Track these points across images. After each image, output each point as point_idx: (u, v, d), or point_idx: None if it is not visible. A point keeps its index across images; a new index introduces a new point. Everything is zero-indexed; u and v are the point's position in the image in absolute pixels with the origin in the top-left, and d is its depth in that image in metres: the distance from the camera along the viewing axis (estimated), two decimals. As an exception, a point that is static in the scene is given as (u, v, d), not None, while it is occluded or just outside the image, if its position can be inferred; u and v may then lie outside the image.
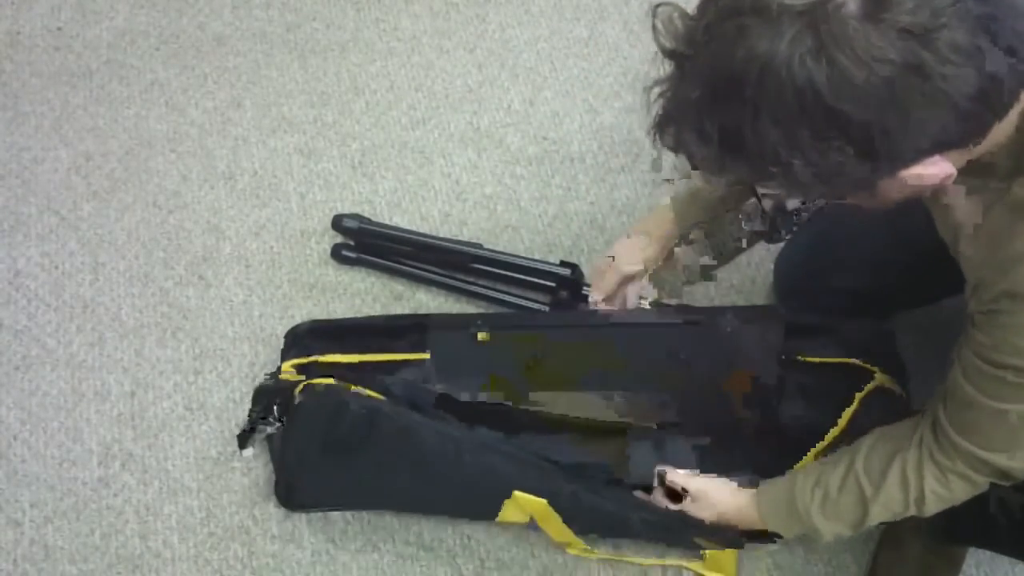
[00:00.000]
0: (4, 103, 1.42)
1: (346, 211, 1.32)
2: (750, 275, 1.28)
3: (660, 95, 0.63)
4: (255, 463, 1.13)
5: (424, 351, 1.13)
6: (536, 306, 1.23)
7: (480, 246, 1.26)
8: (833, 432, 1.05)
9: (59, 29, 1.50)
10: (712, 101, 0.58)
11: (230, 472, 1.13)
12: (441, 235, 1.31)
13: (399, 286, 1.27)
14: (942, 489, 0.81)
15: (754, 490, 0.96)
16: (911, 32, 0.52)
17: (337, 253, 1.28)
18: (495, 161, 1.40)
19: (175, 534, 1.09)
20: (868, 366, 1.09)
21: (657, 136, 0.64)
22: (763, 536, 0.98)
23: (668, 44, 0.61)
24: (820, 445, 1.04)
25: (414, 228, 1.31)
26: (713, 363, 1.11)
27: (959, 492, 0.82)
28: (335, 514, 1.11)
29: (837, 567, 1.10)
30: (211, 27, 1.52)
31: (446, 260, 1.26)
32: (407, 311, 1.25)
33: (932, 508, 0.84)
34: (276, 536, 1.09)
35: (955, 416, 0.78)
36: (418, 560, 1.08)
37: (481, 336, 1.12)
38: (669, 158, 1.09)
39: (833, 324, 1.13)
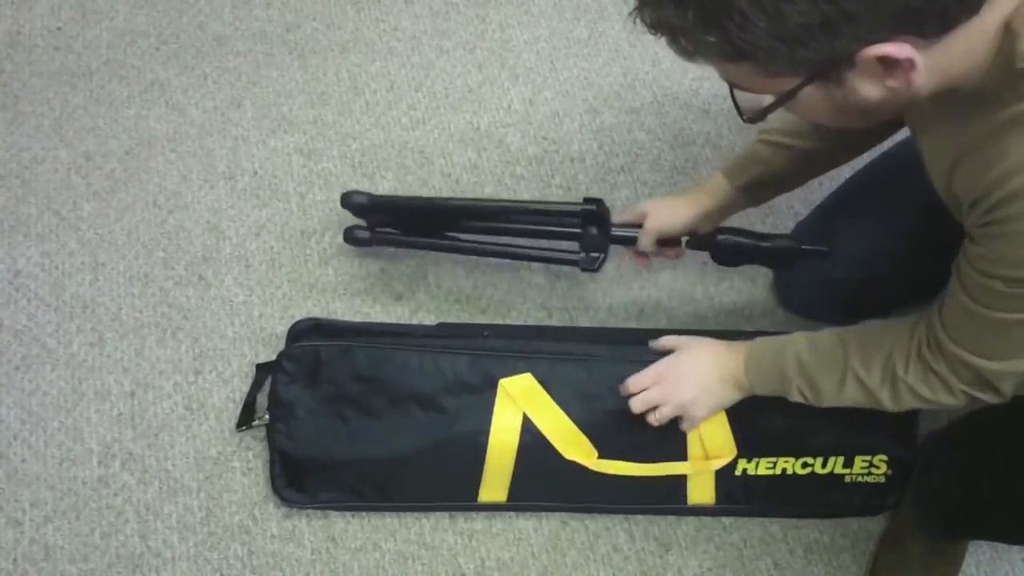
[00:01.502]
0: (4, 103, 1.42)
1: (346, 211, 1.32)
2: (750, 275, 1.28)
3: None
4: (255, 463, 1.13)
5: None
6: (567, 256, 1.17)
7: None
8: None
9: (59, 29, 1.50)
10: None
11: (230, 472, 1.13)
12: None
13: (399, 287, 1.27)
14: (919, 385, 0.83)
15: (739, 344, 0.99)
16: None
17: (350, 236, 1.23)
18: (495, 161, 1.40)
19: (175, 534, 1.09)
20: None
21: (638, 15, 0.65)
22: None
23: None
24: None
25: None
26: None
27: (935, 395, 0.83)
28: (335, 513, 1.11)
29: (837, 567, 1.10)
30: (211, 27, 1.52)
31: (464, 223, 1.19)
32: (407, 312, 1.25)
33: (904, 399, 0.85)
34: (276, 536, 1.09)
35: (949, 321, 0.79)
36: (419, 559, 1.08)
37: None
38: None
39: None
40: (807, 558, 1.10)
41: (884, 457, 1.08)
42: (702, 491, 1.09)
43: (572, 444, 1.05)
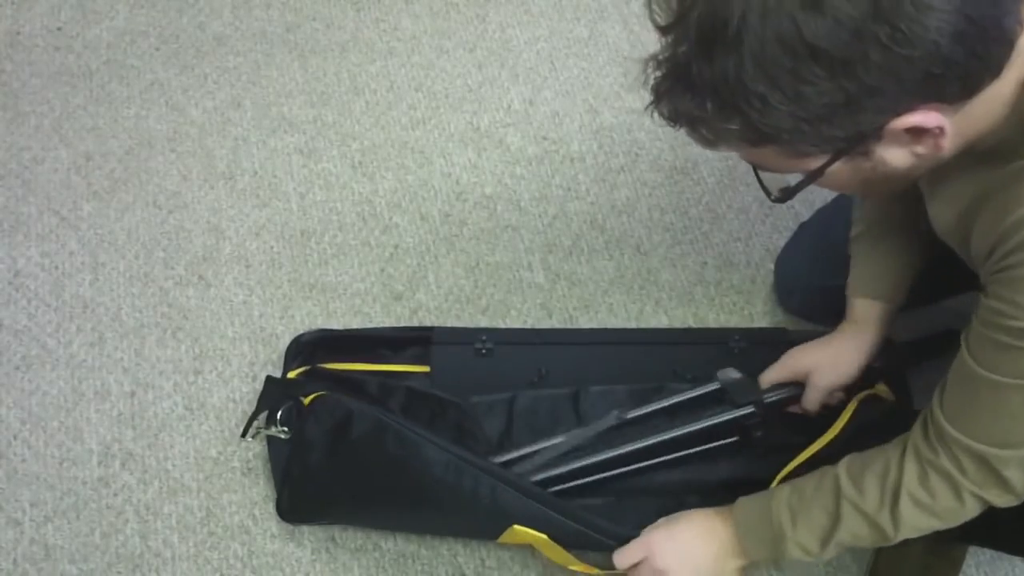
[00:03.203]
0: (4, 103, 1.42)
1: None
2: (750, 275, 1.28)
3: (656, 66, 0.63)
4: (255, 463, 1.13)
5: (426, 364, 1.13)
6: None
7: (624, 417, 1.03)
8: (827, 436, 1.02)
9: (59, 29, 1.50)
10: (700, 52, 0.58)
11: (230, 472, 1.13)
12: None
13: (400, 287, 1.27)
14: (920, 491, 0.75)
15: (725, 508, 0.89)
16: None
17: None
18: (495, 161, 1.40)
19: (175, 533, 1.09)
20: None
21: (655, 109, 0.65)
22: None
23: (662, 20, 0.61)
24: (812, 448, 1.01)
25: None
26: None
27: (939, 498, 0.75)
28: (335, 514, 1.11)
29: (837, 567, 1.09)
30: (211, 27, 1.52)
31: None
32: (407, 312, 1.25)
33: (906, 515, 0.76)
34: (276, 535, 1.09)
35: (950, 401, 0.74)
36: (419, 559, 1.08)
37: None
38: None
39: None
40: (807, 558, 1.10)
41: None
42: None
43: (578, 565, 1.01)
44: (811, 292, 1.18)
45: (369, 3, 1.56)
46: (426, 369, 1.13)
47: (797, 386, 1.01)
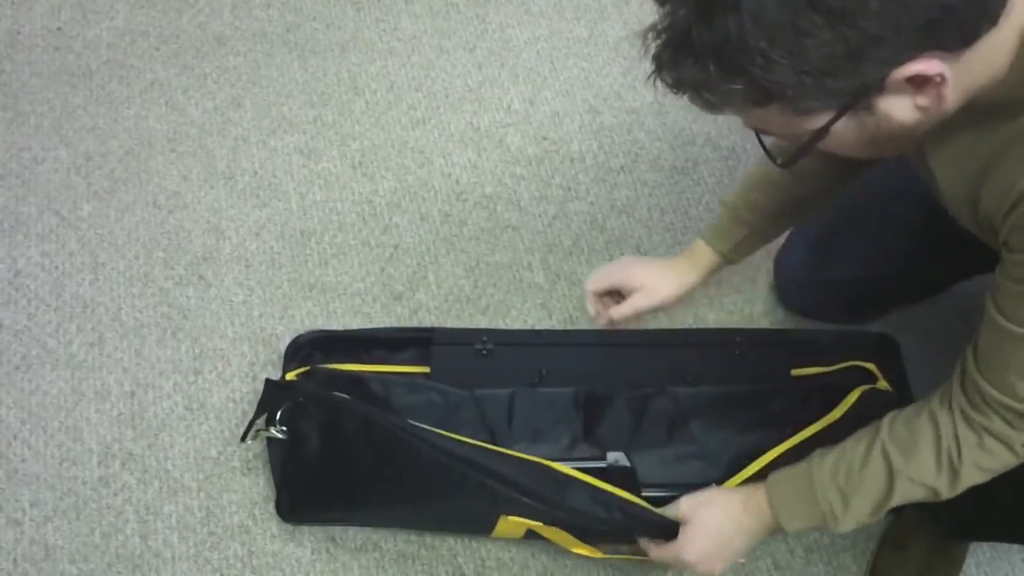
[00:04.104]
0: (4, 103, 1.42)
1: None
2: (750, 275, 1.28)
3: (656, 36, 0.63)
4: (255, 463, 1.13)
5: (426, 365, 1.13)
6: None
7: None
8: (824, 421, 1.02)
9: (59, 29, 1.50)
10: (700, 16, 0.59)
11: (230, 472, 1.13)
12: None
13: (400, 287, 1.27)
14: (982, 455, 0.75)
15: (757, 484, 0.89)
16: None
17: None
18: (495, 161, 1.40)
19: (175, 533, 1.09)
20: (868, 365, 1.10)
21: (657, 77, 0.64)
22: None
23: None
24: (805, 432, 1.02)
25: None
26: (720, 384, 1.11)
27: (997, 457, 0.75)
28: (335, 514, 1.11)
29: (837, 567, 1.10)
30: (211, 27, 1.52)
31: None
32: (407, 312, 1.25)
33: (968, 478, 0.77)
34: (276, 535, 1.09)
35: (986, 363, 0.73)
36: (419, 559, 1.08)
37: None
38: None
39: (840, 337, 1.13)
40: (807, 558, 1.10)
41: None
42: None
43: (579, 548, 1.01)
44: (811, 289, 1.19)
45: (369, 3, 1.56)
46: (426, 370, 1.12)
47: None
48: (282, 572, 1.07)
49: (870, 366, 1.11)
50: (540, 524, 0.96)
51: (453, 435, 0.97)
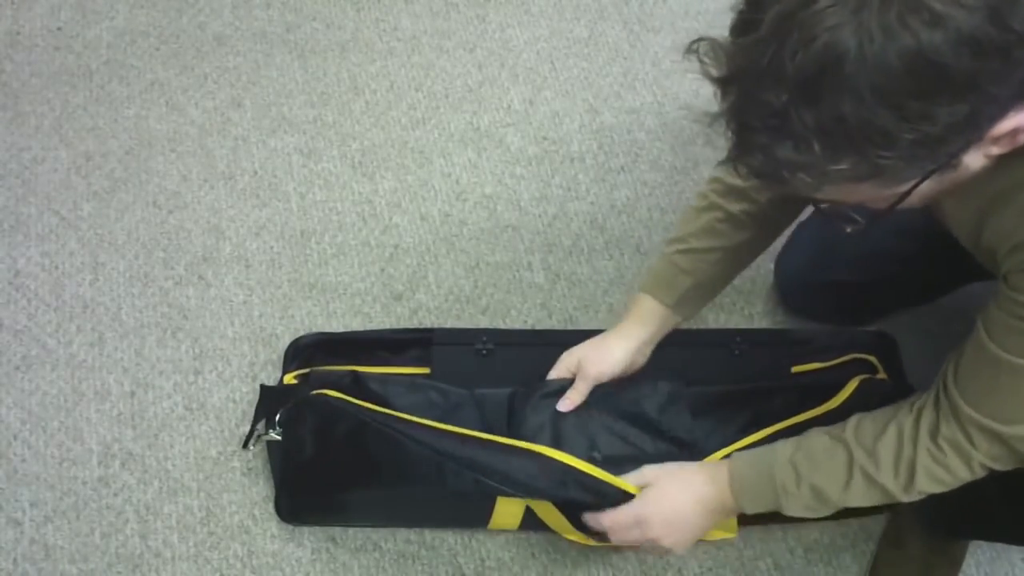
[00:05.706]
0: (4, 103, 1.42)
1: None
2: (750, 275, 1.28)
3: (731, 121, 0.59)
4: (255, 463, 1.13)
5: (426, 366, 1.12)
6: None
7: None
8: (822, 408, 1.03)
9: (59, 29, 1.50)
10: (804, 99, 0.55)
11: (230, 472, 1.13)
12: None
13: (399, 287, 1.27)
14: (935, 466, 0.77)
15: (721, 461, 0.90)
16: None
17: None
18: (495, 161, 1.40)
19: (175, 533, 1.09)
20: (869, 357, 1.10)
21: (738, 165, 0.61)
22: None
23: (721, 71, 0.58)
24: (801, 417, 1.02)
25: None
26: (719, 383, 1.10)
27: (953, 471, 0.77)
28: (335, 514, 1.11)
29: (837, 567, 1.10)
30: (211, 27, 1.52)
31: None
32: (407, 312, 1.25)
33: (922, 486, 0.78)
34: (276, 535, 1.09)
35: (967, 382, 0.74)
36: (419, 559, 1.08)
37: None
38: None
39: (838, 335, 1.13)
40: (807, 558, 1.10)
41: None
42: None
43: (573, 535, 1.01)
44: (811, 289, 1.19)
45: (369, 3, 1.56)
46: (426, 371, 1.12)
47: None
48: (282, 572, 1.07)
49: (871, 358, 1.12)
50: (531, 502, 0.96)
51: (436, 424, 0.98)
